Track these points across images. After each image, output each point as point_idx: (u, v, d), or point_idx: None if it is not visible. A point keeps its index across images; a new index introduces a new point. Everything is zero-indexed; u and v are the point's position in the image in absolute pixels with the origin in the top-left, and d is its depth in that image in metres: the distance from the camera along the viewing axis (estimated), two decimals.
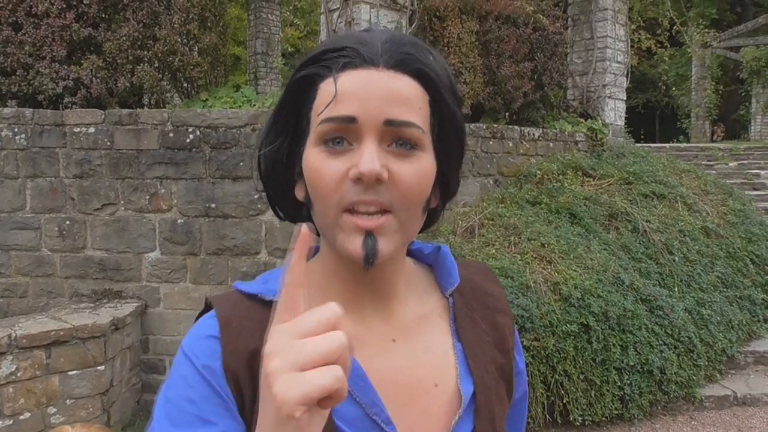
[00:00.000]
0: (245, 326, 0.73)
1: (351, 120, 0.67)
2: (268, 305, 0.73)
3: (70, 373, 4.03)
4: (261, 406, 0.52)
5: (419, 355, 0.78)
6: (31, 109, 4.86)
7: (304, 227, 0.55)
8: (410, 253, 0.87)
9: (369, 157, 0.65)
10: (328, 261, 0.78)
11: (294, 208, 0.80)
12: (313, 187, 0.70)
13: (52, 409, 3.97)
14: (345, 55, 0.69)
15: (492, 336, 0.84)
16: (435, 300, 0.84)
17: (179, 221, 4.76)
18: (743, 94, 18.99)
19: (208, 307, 0.78)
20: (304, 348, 0.50)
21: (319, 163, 0.68)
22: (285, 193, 0.79)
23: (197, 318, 0.78)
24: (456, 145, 0.76)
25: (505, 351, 0.84)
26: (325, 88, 0.69)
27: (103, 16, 5.22)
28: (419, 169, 0.69)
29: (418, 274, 0.86)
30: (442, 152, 0.74)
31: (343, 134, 0.68)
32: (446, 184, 0.78)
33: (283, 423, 0.49)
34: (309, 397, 0.48)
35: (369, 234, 0.67)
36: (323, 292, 0.78)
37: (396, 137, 0.68)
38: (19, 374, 3.83)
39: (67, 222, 4.85)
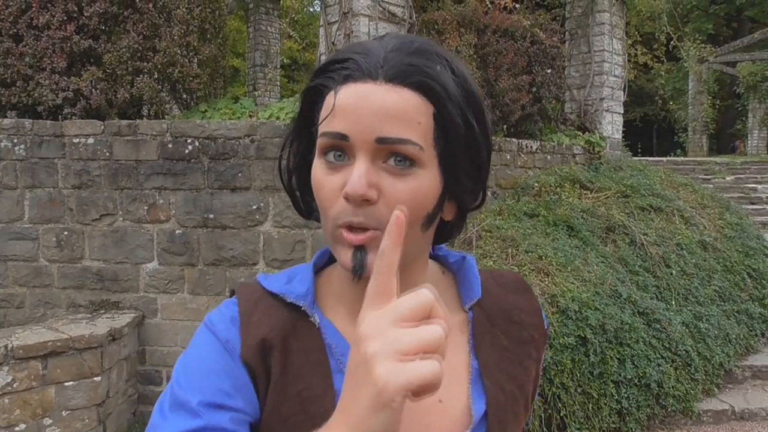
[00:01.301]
0: (264, 321, 0.75)
1: (343, 137, 0.67)
2: (288, 306, 0.77)
3: (66, 384, 4.01)
4: (350, 387, 0.53)
5: None
6: (30, 120, 4.88)
7: (399, 212, 0.56)
8: (435, 259, 0.87)
9: (356, 177, 0.66)
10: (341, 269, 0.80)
11: (308, 212, 0.82)
12: (317, 197, 0.72)
13: (47, 421, 3.95)
14: (346, 67, 0.70)
15: (515, 352, 0.82)
16: (456, 315, 0.82)
17: (177, 232, 4.76)
18: (740, 108, 19.12)
19: (234, 295, 0.81)
20: (405, 335, 0.51)
21: (320, 177, 0.70)
22: (304, 194, 0.81)
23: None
24: (466, 160, 0.73)
25: (527, 368, 0.83)
26: (329, 100, 0.70)
27: (104, 28, 5.25)
28: (415, 187, 0.68)
29: (442, 285, 0.84)
30: (448, 167, 0.72)
31: (340, 149, 0.69)
32: (459, 198, 0.76)
33: (380, 408, 0.50)
34: (412, 385, 0.49)
35: (359, 248, 0.68)
36: (339, 296, 0.80)
37: (392, 153, 0.67)
38: (15, 385, 3.82)
39: (65, 232, 4.84)
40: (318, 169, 0.71)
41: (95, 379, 4.10)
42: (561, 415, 4.03)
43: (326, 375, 0.73)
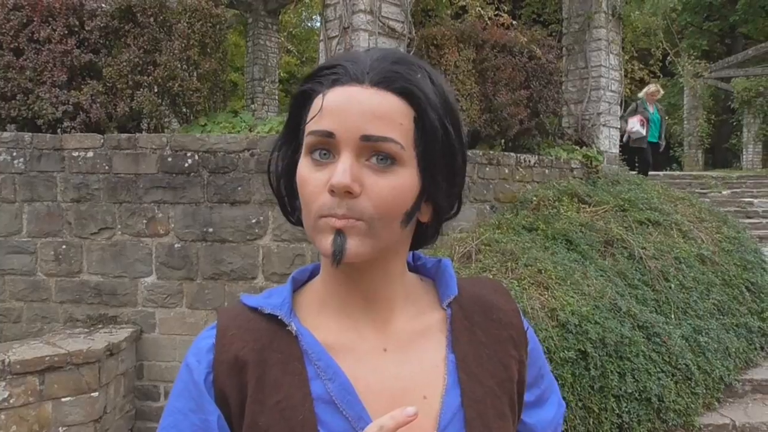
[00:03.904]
0: (240, 336, 0.79)
1: (329, 135, 0.71)
2: (266, 317, 0.80)
3: (63, 399, 3.97)
4: None
5: (409, 366, 0.80)
6: (30, 134, 4.88)
7: (411, 412, 0.67)
8: (416, 269, 0.91)
9: (341, 170, 0.70)
10: (325, 272, 0.83)
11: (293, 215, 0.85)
12: (301, 193, 0.75)
13: None
14: (335, 72, 0.74)
15: (494, 349, 0.84)
16: (436, 314, 0.85)
17: (176, 246, 4.75)
18: (734, 123, 19.24)
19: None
20: None
21: (306, 173, 0.74)
22: (291, 198, 0.83)
23: None
24: (443, 163, 0.77)
25: (508, 366, 0.84)
26: (316, 102, 0.74)
27: (104, 42, 5.27)
28: (395, 183, 0.72)
29: (421, 289, 0.88)
30: (427, 168, 0.75)
31: (327, 147, 0.73)
32: (436, 200, 0.79)
33: None
34: None
35: (339, 233, 0.71)
36: (322, 301, 0.83)
37: (374, 152, 0.72)
38: (11, 401, 3.78)
39: (64, 246, 4.83)
40: (304, 166, 0.75)
41: (92, 394, 4.07)
42: (562, 429, 4.00)
43: (304, 383, 0.75)
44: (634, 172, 9.10)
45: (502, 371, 0.83)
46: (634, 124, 9.39)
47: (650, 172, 10.02)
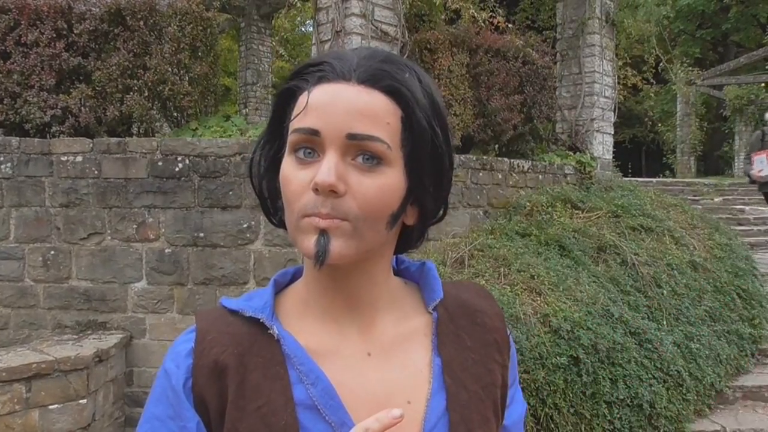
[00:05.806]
0: (219, 340, 0.77)
1: (315, 132, 0.70)
2: (247, 321, 0.78)
3: (50, 407, 3.91)
4: None
5: (394, 370, 0.79)
6: (17, 138, 4.83)
7: (397, 414, 0.66)
8: (400, 273, 0.89)
9: (326, 168, 0.68)
10: (308, 275, 0.81)
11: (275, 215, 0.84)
12: (284, 192, 0.73)
13: None
14: (321, 70, 0.72)
15: (479, 353, 0.83)
16: (421, 318, 0.84)
17: (167, 251, 4.71)
18: (726, 131, 19.35)
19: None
20: None
21: (289, 172, 0.72)
22: (273, 199, 0.82)
23: None
24: (430, 164, 0.75)
25: (492, 370, 0.83)
26: (301, 100, 0.72)
27: (93, 45, 5.22)
28: (381, 183, 0.70)
29: (405, 293, 0.86)
30: (413, 169, 0.74)
31: (311, 145, 0.71)
32: (422, 203, 0.78)
33: None
34: None
35: (322, 233, 0.69)
36: (305, 304, 0.81)
37: (360, 151, 0.70)
38: None
39: (52, 252, 4.77)
40: (287, 165, 0.73)
41: (81, 401, 4.01)
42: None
43: (286, 388, 0.74)
44: None
45: (487, 376, 0.83)
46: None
47: (642, 178, 9.86)
